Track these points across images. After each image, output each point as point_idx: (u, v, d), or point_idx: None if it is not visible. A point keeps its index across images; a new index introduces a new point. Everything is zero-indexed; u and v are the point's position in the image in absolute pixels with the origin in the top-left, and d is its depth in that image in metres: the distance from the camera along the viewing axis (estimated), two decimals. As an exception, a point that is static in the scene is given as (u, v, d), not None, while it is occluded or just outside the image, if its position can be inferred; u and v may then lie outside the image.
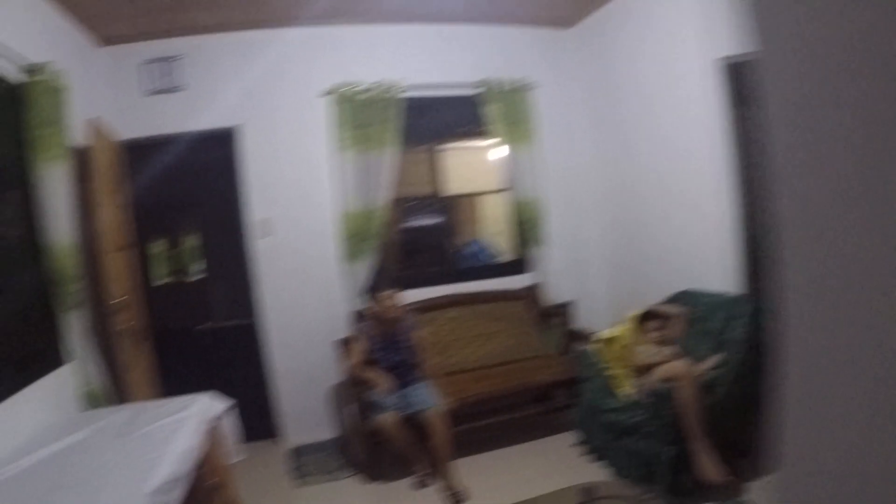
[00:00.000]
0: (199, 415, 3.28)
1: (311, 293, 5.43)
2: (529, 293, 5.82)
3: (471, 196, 6.64)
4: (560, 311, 5.68)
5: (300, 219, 5.40)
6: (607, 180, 5.91)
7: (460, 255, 6.21)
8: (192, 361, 5.50)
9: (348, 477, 4.79)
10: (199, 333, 5.54)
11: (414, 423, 4.43)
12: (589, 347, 4.78)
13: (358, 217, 5.34)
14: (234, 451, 3.73)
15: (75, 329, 3.96)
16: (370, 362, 4.59)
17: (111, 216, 4.19)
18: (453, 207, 6.21)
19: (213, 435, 3.48)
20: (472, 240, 6.46)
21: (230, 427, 3.72)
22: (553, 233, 5.91)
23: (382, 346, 4.63)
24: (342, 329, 5.37)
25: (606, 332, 4.70)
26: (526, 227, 5.84)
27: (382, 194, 5.36)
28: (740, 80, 4.40)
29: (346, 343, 5.04)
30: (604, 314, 5.96)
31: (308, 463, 5.07)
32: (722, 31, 4.24)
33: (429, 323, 5.27)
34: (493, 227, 6.66)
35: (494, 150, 5.93)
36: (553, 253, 5.89)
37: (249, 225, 5.33)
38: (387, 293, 4.53)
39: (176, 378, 5.06)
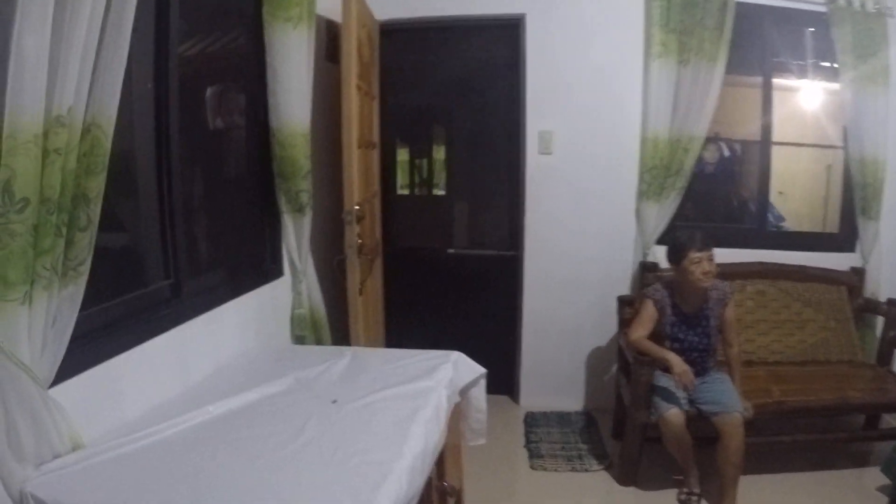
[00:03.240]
0: (445, 388, 2.33)
1: (590, 232, 4.37)
2: (852, 279, 4.43)
3: (786, 145, 5.13)
4: (887, 310, 4.23)
5: (587, 138, 4.28)
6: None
7: (755, 214, 4.88)
8: (430, 291, 4.76)
9: (594, 470, 3.79)
10: (441, 259, 4.70)
11: (700, 426, 3.36)
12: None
13: (664, 145, 4.14)
14: (477, 432, 2.84)
15: (298, 237, 3.25)
16: (657, 336, 3.51)
17: (358, 106, 3.33)
18: (761, 155, 4.70)
19: (456, 416, 2.54)
20: (765, 198, 5.00)
21: (479, 402, 2.83)
22: (889, 207, 4.40)
23: (680, 321, 3.51)
24: (623, 285, 4.32)
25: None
26: (860, 193, 4.35)
27: (699, 121, 4.10)
28: None
29: (627, 304, 3.98)
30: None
31: (547, 439, 4.13)
32: None
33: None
34: (795, 188, 5.36)
35: (830, 92, 4.51)
36: (886, 232, 4.40)
37: (523, 138, 4.32)
38: (700, 253, 3.33)
39: (407, 308, 4.51)
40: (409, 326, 4.50)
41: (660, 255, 4.03)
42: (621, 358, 3.94)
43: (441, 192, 4.94)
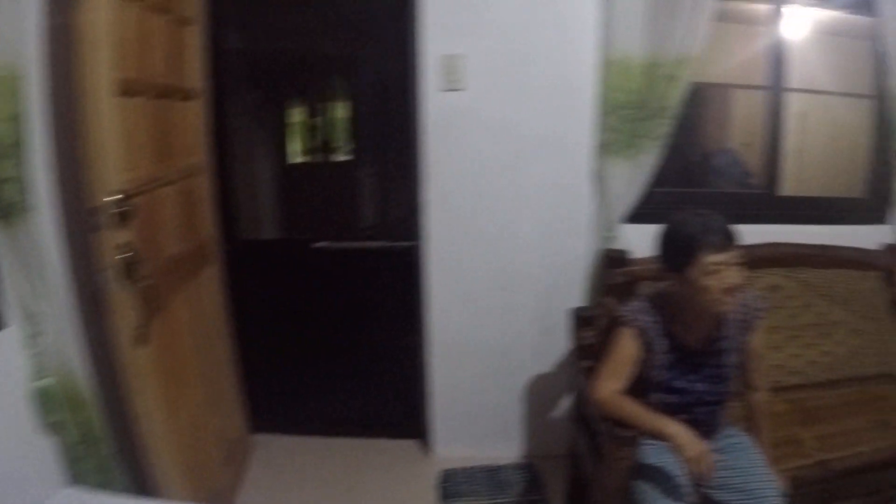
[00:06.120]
0: None
1: (524, 207, 3.02)
2: (888, 260, 3.34)
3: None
4: None
5: (517, 64, 2.87)
6: None
7: (710, 167, 3.96)
8: (292, 307, 3.39)
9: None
10: (305, 257, 3.30)
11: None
12: None
13: (638, 72, 2.79)
14: None
15: (22, 259, 1.93)
16: (641, 384, 2.22)
17: (123, 21, 1.98)
18: (772, 103, 3.45)
19: None
20: (722, 148, 4.09)
21: None
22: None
23: (679, 360, 2.21)
24: (576, 287, 3.05)
25: None
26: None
27: (692, 33, 2.77)
28: None
29: (586, 323, 2.68)
30: None
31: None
32: None
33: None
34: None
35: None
36: None
37: (416, 68, 2.89)
38: (722, 255, 2.00)
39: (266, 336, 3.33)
40: (272, 362, 3.34)
41: (633, 238, 2.85)
42: (579, 400, 2.68)
43: (312, 160, 3.64)
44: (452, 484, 3.04)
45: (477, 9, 2.80)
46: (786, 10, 3.17)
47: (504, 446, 3.28)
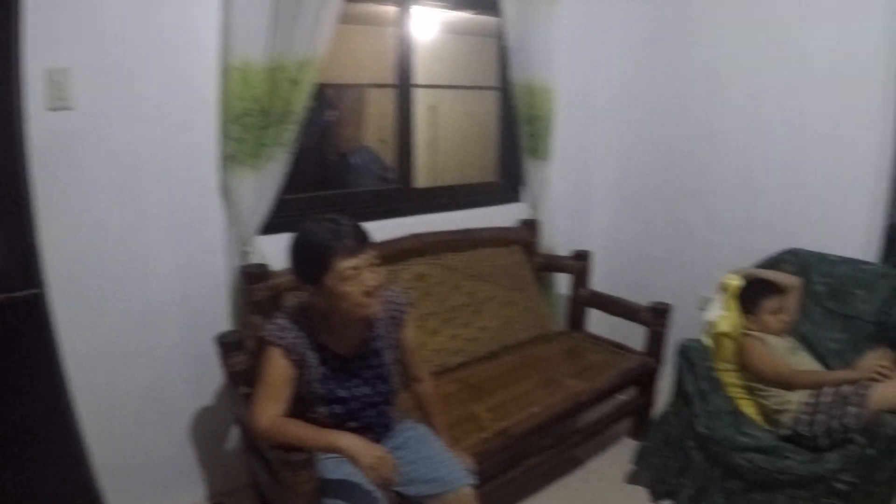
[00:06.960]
0: None
1: (152, 234, 2.72)
2: (525, 235, 3.70)
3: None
4: (574, 265, 3.72)
5: (132, 76, 2.56)
6: (658, 64, 4.01)
7: (348, 166, 4.17)
8: None
9: None
10: None
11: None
12: (689, 339, 2.97)
13: (260, 77, 2.68)
14: None
15: None
16: (303, 400, 2.13)
17: None
18: (401, 101, 3.46)
19: None
20: (358, 147, 4.33)
21: None
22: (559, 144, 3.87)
23: (335, 371, 2.13)
24: (220, 311, 2.90)
25: (714, 315, 3.00)
26: (527, 129, 3.66)
27: (315, 35, 2.74)
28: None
29: (234, 348, 2.50)
30: (622, 270, 4.23)
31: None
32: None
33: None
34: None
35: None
36: (558, 174, 3.89)
37: (16, 84, 2.37)
38: (354, 259, 1.94)
39: None
40: None
41: (270, 250, 2.76)
42: (246, 430, 2.56)
43: None
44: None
45: (84, 15, 2.45)
46: (414, 11, 3.27)
47: (188, 492, 3.03)
